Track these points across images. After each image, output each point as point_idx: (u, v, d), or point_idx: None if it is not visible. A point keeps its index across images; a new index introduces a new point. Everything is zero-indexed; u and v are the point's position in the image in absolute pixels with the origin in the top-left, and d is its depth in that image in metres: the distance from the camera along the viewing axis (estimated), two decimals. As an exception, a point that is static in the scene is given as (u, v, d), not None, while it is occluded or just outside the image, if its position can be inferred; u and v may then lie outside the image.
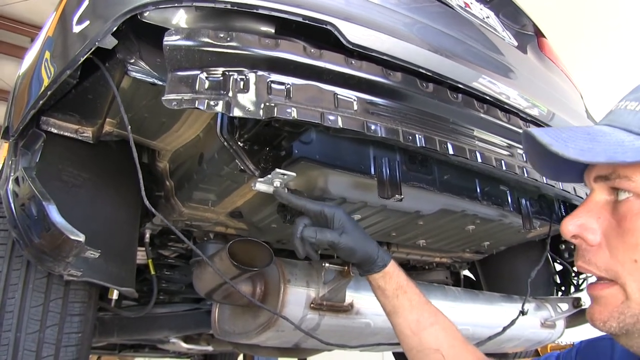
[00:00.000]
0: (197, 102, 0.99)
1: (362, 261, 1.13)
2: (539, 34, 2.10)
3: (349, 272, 1.32)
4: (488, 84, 1.42)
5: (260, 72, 1.04)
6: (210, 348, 2.67)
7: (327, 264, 1.34)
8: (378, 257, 1.12)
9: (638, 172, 0.58)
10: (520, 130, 1.50)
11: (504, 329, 1.71)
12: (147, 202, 1.11)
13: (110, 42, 1.07)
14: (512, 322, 1.73)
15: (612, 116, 0.65)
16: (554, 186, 1.54)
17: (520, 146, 1.45)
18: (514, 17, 2.00)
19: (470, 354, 1.07)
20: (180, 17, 1.12)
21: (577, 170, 0.68)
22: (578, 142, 0.60)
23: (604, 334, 0.65)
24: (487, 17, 1.79)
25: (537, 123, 1.58)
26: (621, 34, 5.26)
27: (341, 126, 1.06)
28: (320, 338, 1.37)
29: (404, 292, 1.12)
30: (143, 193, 1.11)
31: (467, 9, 1.68)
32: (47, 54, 1.28)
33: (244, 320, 1.46)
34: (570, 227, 0.64)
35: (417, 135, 1.18)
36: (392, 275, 1.13)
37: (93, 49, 1.07)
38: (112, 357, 4.19)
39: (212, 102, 0.99)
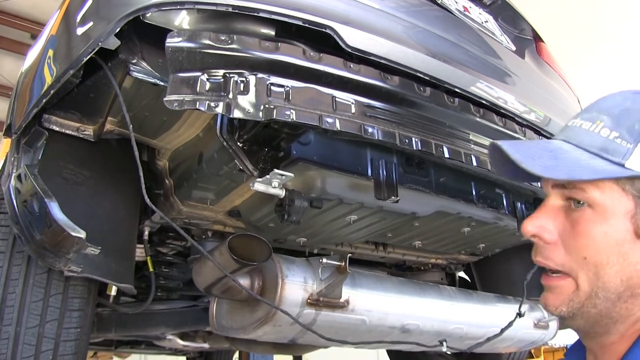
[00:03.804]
0: (198, 103, 1.01)
1: None
2: (537, 38, 2.12)
3: (345, 268, 1.34)
4: (485, 88, 1.44)
5: (260, 75, 1.06)
6: (206, 345, 2.68)
7: (324, 260, 1.36)
8: None
9: (591, 186, 0.68)
10: (517, 135, 1.52)
11: (502, 330, 1.73)
12: (147, 200, 1.13)
13: (113, 43, 1.09)
14: (510, 324, 1.75)
15: (569, 132, 0.74)
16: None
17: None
18: (512, 21, 2.01)
19: None
20: (182, 19, 1.14)
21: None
22: (543, 159, 0.70)
23: None
24: (486, 22, 1.80)
25: (534, 128, 1.59)
26: (618, 39, 5.28)
27: (339, 129, 1.08)
28: (319, 332, 1.39)
29: None
30: (144, 191, 1.13)
31: (466, 13, 1.70)
32: (50, 52, 1.30)
33: (242, 315, 1.47)
34: (529, 227, 0.73)
35: (413, 139, 1.20)
36: None
37: (96, 49, 1.09)
38: (108, 353, 4.20)
39: (212, 104, 1.01)
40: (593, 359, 0.75)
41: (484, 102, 1.43)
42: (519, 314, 1.77)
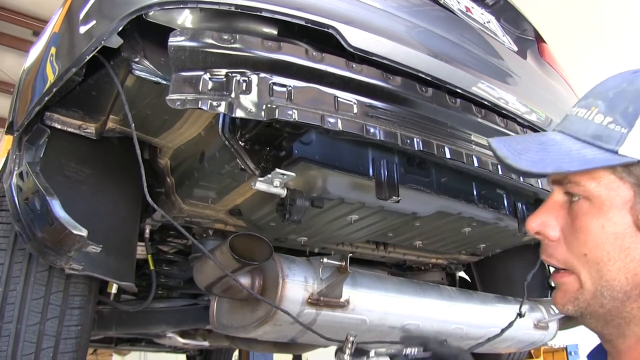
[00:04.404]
0: (200, 102, 1.01)
1: None
2: (539, 39, 2.11)
3: (346, 268, 1.34)
4: (486, 89, 1.44)
5: (262, 74, 1.06)
6: (206, 343, 2.68)
7: (324, 260, 1.36)
8: None
9: (585, 177, 0.65)
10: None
11: (502, 330, 1.73)
12: (149, 199, 1.13)
13: (115, 42, 1.09)
14: (510, 324, 1.75)
15: (566, 122, 0.71)
16: (549, 191, 1.55)
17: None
18: (514, 21, 2.01)
19: None
20: (185, 18, 1.14)
21: None
22: (530, 153, 0.68)
23: None
24: (488, 22, 1.80)
25: (535, 129, 1.59)
26: (619, 39, 5.27)
27: (341, 129, 1.08)
28: (319, 332, 1.39)
29: None
30: (145, 189, 1.13)
31: (468, 13, 1.69)
32: (53, 50, 1.30)
33: (242, 314, 1.47)
34: (533, 224, 0.72)
35: (415, 139, 1.20)
36: None
37: (99, 48, 1.09)
38: (108, 350, 4.21)
39: (215, 103, 1.01)
40: None
41: (485, 102, 1.43)
42: (520, 314, 1.78)
